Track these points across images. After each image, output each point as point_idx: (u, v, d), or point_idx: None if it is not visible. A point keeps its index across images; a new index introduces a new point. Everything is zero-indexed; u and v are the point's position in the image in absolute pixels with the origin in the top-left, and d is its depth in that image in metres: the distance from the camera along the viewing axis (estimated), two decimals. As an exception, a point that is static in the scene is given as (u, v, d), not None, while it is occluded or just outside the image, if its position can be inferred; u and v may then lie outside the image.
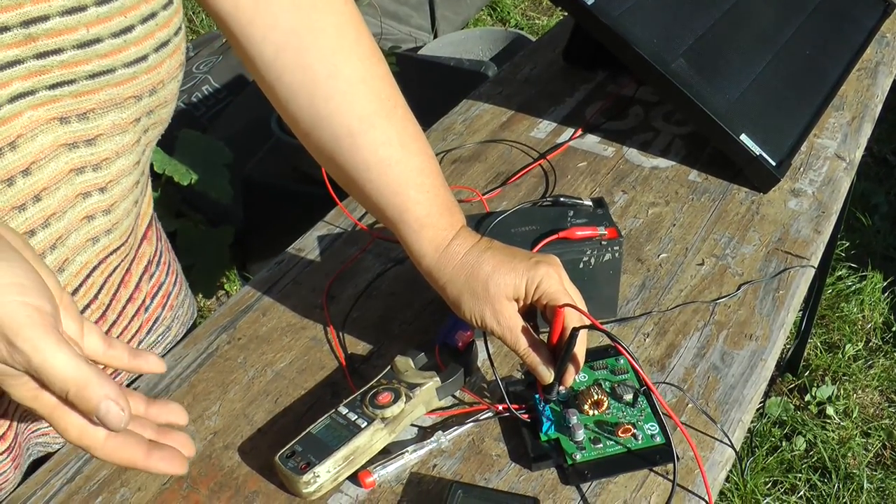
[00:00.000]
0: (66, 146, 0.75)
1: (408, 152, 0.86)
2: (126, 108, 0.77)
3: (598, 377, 0.92)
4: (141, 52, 0.75)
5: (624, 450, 0.85)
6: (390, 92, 0.87)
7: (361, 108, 0.84)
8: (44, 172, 0.74)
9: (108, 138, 0.78)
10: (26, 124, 0.71)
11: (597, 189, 1.21)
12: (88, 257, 0.83)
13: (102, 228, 0.83)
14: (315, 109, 0.84)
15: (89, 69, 0.71)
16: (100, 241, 0.84)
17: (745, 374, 0.94)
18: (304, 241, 1.15)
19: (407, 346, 0.93)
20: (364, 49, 0.86)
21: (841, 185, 1.21)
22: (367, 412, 0.84)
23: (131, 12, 0.72)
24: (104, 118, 0.76)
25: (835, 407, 2.25)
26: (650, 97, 1.40)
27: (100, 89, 0.73)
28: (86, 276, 0.84)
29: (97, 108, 0.74)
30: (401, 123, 0.86)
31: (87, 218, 0.81)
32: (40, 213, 0.75)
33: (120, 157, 0.80)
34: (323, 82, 0.84)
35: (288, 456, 0.82)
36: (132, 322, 0.95)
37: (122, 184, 0.83)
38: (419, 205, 0.85)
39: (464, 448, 0.87)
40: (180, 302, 1.06)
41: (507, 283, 0.81)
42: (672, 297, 1.04)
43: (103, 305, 0.89)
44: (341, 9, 0.85)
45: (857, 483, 2.06)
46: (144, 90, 0.78)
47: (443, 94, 2.08)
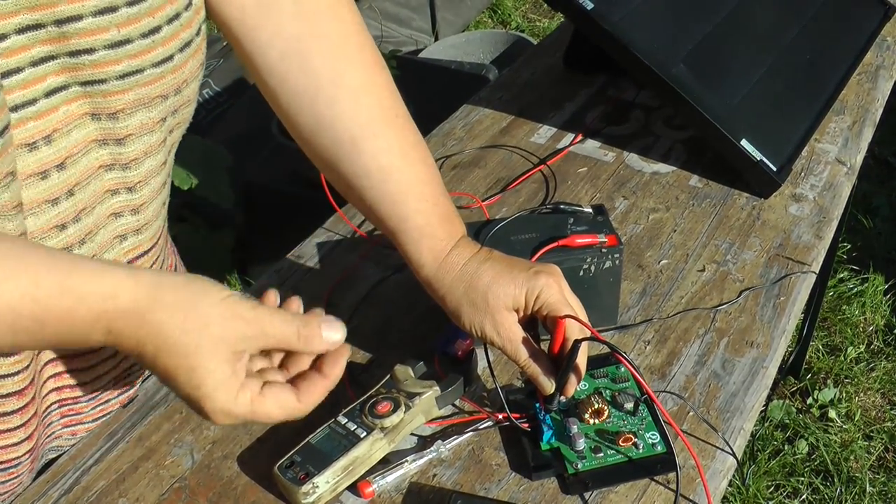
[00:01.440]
0: (97, 142, 0.75)
1: (408, 161, 0.85)
2: (153, 108, 0.77)
3: (599, 385, 0.91)
4: (167, 52, 0.75)
5: (625, 459, 0.84)
6: (392, 100, 0.87)
7: (363, 115, 0.85)
8: (77, 167, 0.74)
9: (137, 138, 0.78)
10: (62, 119, 0.71)
11: (597, 195, 1.21)
12: (116, 255, 0.84)
13: (131, 227, 0.83)
14: (316, 116, 0.84)
15: (120, 69, 0.72)
16: (128, 239, 0.84)
17: (746, 382, 0.94)
18: (302, 248, 1.15)
19: (406, 355, 0.93)
20: (367, 57, 0.86)
21: (842, 190, 1.21)
22: (367, 422, 0.84)
23: (158, 13, 0.72)
24: (133, 118, 0.76)
25: (837, 410, 2.24)
26: (651, 102, 1.40)
27: (129, 89, 0.74)
28: None
29: (126, 108, 0.75)
30: (401, 132, 0.86)
31: (114, 215, 0.81)
32: (72, 207, 0.76)
33: (148, 158, 0.80)
34: (325, 89, 0.84)
35: (287, 466, 0.82)
36: None
37: (150, 184, 0.83)
38: (418, 214, 0.84)
39: (464, 457, 0.86)
40: None
41: (507, 294, 0.81)
42: (673, 303, 1.03)
43: None
44: (345, 16, 0.85)
45: (860, 487, 2.05)
46: (170, 90, 0.78)
47: (443, 97, 2.07)
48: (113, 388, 0.93)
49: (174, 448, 0.88)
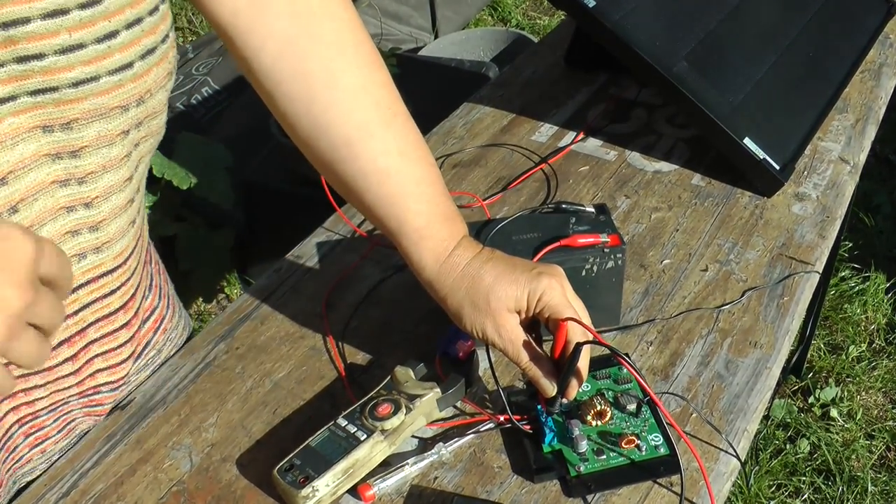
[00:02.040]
0: (50, 156, 0.72)
1: (407, 161, 0.84)
2: (112, 119, 0.74)
3: (602, 387, 0.90)
4: (126, 59, 0.72)
5: (628, 461, 0.84)
6: (390, 100, 0.85)
7: (360, 116, 0.83)
8: (21, 183, 0.71)
9: (94, 150, 0.75)
10: (6, 131, 0.69)
11: (599, 194, 1.20)
12: (74, 274, 0.80)
13: (89, 245, 0.80)
14: (313, 118, 0.83)
15: (72, 76, 0.69)
16: (87, 257, 0.81)
17: (749, 383, 0.93)
18: (302, 247, 1.14)
19: (407, 356, 0.92)
20: (363, 56, 0.85)
21: (845, 188, 1.20)
22: (367, 424, 0.83)
23: (116, 17, 0.70)
24: (89, 129, 0.73)
25: (838, 409, 2.23)
26: (653, 100, 1.39)
27: (84, 98, 0.71)
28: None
29: (81, 117, 0.72)
30: (401, 132, 0.85)
31: (70, 233, 0.78)
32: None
33: (108, 172, 0.78)
34: (321, 91, 0.82)
35: (286, 469, 0.81)
36: (123, 347, 0.91)
37: (111, 201, 0.80)
38: (419, 215, 0.83)
39: (465, 460, 0.86)
40: (174, 325, 1.02)
41: (509, 296, 0.80)
42: (675, 303, 1.02)
43: (84, 321, 0.85)
44: (340, 15, 0.83)
45: (862, 486, 2.05)
46: (131, 100, 0.75)
47: (444, 95, 2.06)
48: (77, 401, 0.90)
49: (172, 451, 0.88)
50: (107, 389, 0.92)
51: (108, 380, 0.91)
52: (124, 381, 0.93)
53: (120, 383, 0.93)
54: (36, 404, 0.86)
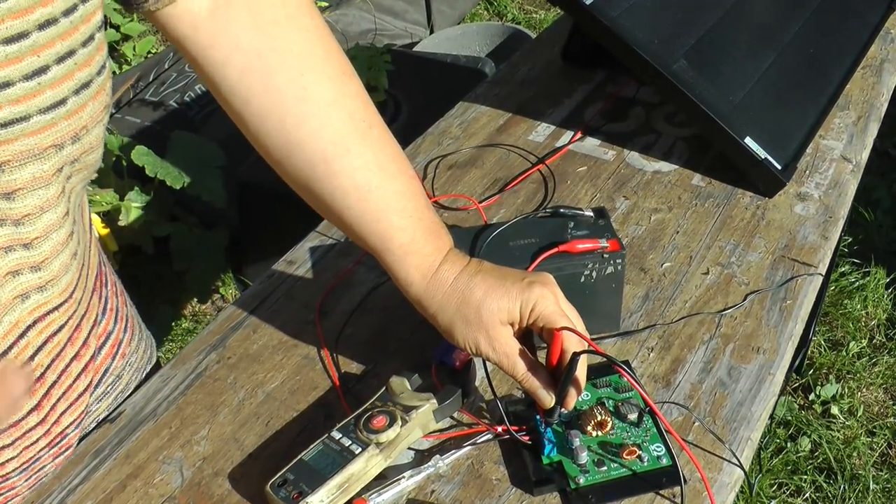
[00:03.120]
0: None
1: (387, 175, 0.81)
2: (47, 159, 0.70)
3: (602, 395, 0.88)
4: (59, 95, 0.68)
5: (629, 472, 0.82)
6: (365, 111, 0.82)
7: (334, 131, 0.79)
8: None
9: (30, 192, 0.70)
10: None
11: (597, 195, 1.18)
12: (20, 315, 0.76)
13: (33, 285, 0.76)
14: (286, 136, 0.79)
15: (1, 117, 0.64)
16: (31, 297, 0.76)
17: (752, 390, 0.91)
18: (295, 252, 1.12)
19: (402, 365, 0.90)
20: (334, 67, 0.81)
21: (848, 188, 1.18)
22: (362, 437, 0.81)
23: (45, 51, 0.65)
24: (22, 171, 0.68)
25: (839, 406, 2.22)
26: (651, 98, 1.37)
27: (14, 139, 0.66)
28: (18, 335, 0.77)
29: (13, 159, 0.67)
30: (378, 145, 0.81)
31: (11, 273, 0.73)
32: None
33: (45, 212, 0.73)
34: (293, 105, 0.78)
35: (279, 485, 0.79)
36: (78, 381, 0.87)
37: (51, 239, 0.75)
38: (402, 231, 0.81)
39: (463, 472, 0.84)
40: (133, 348, 0.99)
41: (501, 308, 0.78)
42: (676, 308, 1.00)
43: (42, 366, 0.81)
44: (307, 24, 0.79)
45: (863, 484, 2.03)
46: (66, 138, 0.71)
47: (439, 92, 2.04)
48: (47, 453, 0.86)
49: (163, 465, 0.85)
50: (72, 429, 0.88)
51: (71, 419, 0.88)
52: (85, 414, 0.90)
53: (82, 417, 0.89)
54: (7, 466, 0.82)
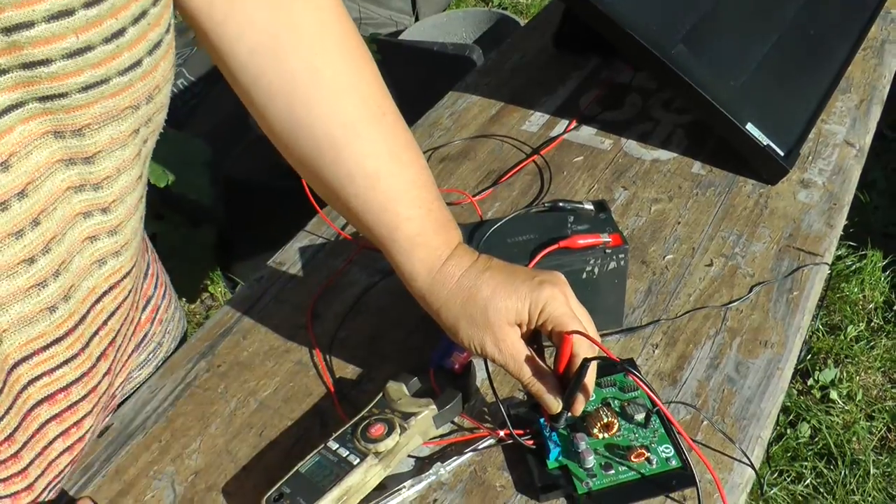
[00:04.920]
0: (63, 162, 0.68)
1: (397, 164, 0.78)
2: (124, 120, 0.70)
3: (607, 396, 0.85)
4: (135, 56, 0.67)
5: (638, 476, 0.79)
6: (378, 96, 0.79)
7: (345, 115, 0.77)
8: (40, 193, 0.67)
9: (108, 154, 0.71)
10: (18, 140, 0.64)
11: (595, 185, 1.15)
12: (96, 282, 0.77)
13: (109, 250, 0.76)
14: (294, 118, 0.77)
15: (82, 81, 0.64)
16: (107, 263, 0.77)
17: (761, 386, 0.88)
18: (284, 253, 1.08)
19: (399, 369, 0.87)
20: (349, 50, 0.78)
21: (852, 173, 1.15)
22: (359, 447, 0.78)
23: (122, 13, 0.64)
24: (101, 133, 0.69)
25: (838, 391, 2.19)
26: (648, 84, 1.33)
27: (94, 102, 0.66)
28: (94, 301, 0.77)
29: (93, 122, 0.67)
30: (390, 132, 0.79)
31: (89, 239, 0.74)
32: (40, 237, 0.68)
33: (122, 174, 0.73)
34: (303, 87, 0.76)
35: (276, 499, 0.75)
36: (128, 344, 0.89)
37: (126, 202, 0.76)
38: (410, 222, 0.78)
39: (465, 479, 0.80)
40: (170, 316, 0.99)
41: (509, 308, 0.74)
42: (680, 302, 0.97)
43: (113, 332, 0.82)
44: (323, 4, 0.77)
45: (864, 469, 2.01)
46: (141, 98, 0.71)
47: (427, 81, 2.01)
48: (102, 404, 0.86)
49: (154, 481, 0.82)
50: (118, 389, 0.90)
51: (120, 379, 0.89)
52: (128, 378, 0.91)
53: (124, 383, 0.91)
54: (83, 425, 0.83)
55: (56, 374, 0.76)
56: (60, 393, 0.77)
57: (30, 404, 0.75)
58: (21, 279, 0.68)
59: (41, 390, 0.76)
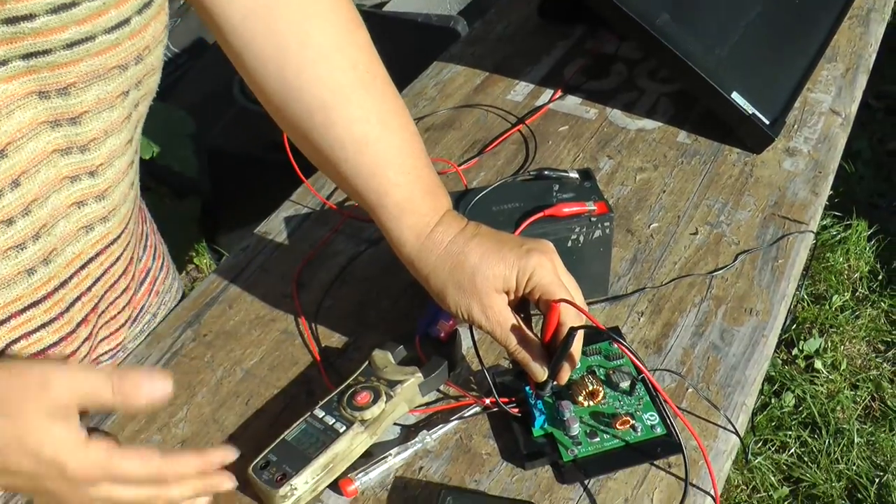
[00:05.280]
0: (48, 123, 0.68)
1: (387, 129, 0.78)
2: (111, 80, 0.70)
3: (592, 364, 0.86)
4: (122, 14, 0.67)
5: (623, 443, 0.79)
6: (369, 62, 0.79)
7: (336, 80, 0.77)
8: (22, 154, 0.67)
9: (95, 115, 0.70)
10: (0, 99, 0.63)
11: (580, 154, 1.15)
12: (82, 247, 0.77)
13: (97, 216, 0.76)
14: (285, 81, 0.77)
15: (66, 37, 0.64)
16: (95, 229, 0.77)
17: (746, 353, 0.89)
18: (270, 223, 1.08)
19: (385, 337, 0.87)
20: (341, 14, 0.79)
21: (837, 141, 1.15)
22: (346, 415, 0.78)
23: None
24: (87, 93, 0.68)
25: (823, 360, 2.21)
26: (633, 54, 1.33)
27: (80, 60, 0.66)
28: (79, 267, 0.78)
29: (78, 81, 0.67)
30: (380, 97, 0.79)
31: (76, 204, 0.74)
32: (19, 199, 0.68)
33: (110, 137, 0.73)
34: (294, 51, 0.76)
35: (262, 467, 0.75)
36: (121, 313, 0.89)
37: (114, 166, 0.76)
38: (399, 188, 0.78)
39: (451, 447, 0.81)
40: (167, 287, 1.00)
41: (496, 275, 0.74)
42: (666, 270, 0.98)
43: (96, 297, 0.83)
44: None
45: (848, 438, 2.03)
46: (129, 58, 0.70)
47: (411, 54, 1.99)
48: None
49: (139, 449, 0.82)
50: (106, 358, 0.89)
51: (108, 348, 0.89)
52: (120, 348, 0.91)
53: (117, 349, 0.90)
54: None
55: (33, 337, 0.76)
56: (37, 357, 0.77)
57: None
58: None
59: (20, 353, 0.76)
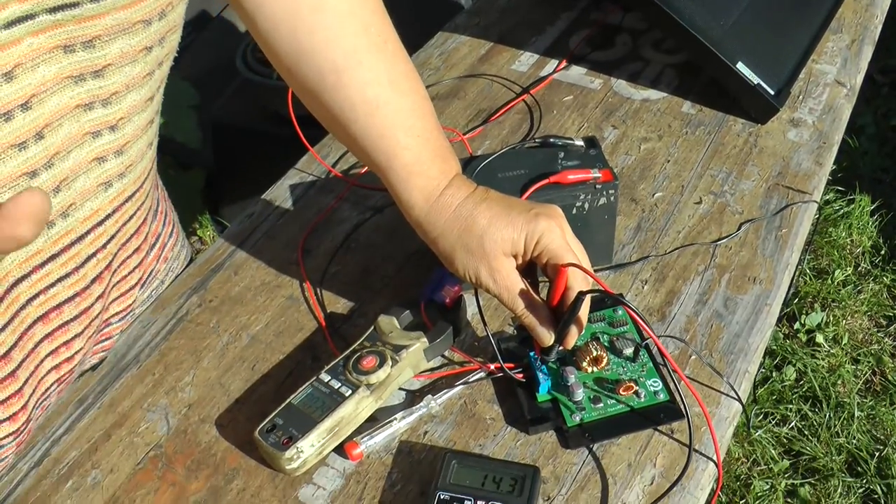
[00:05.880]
0: (72, 78, 0.68)
1: (397, 92, 0.79)
2: (135, 35, 0.70)
3: (596, 330, 0.86)
4: None
5: (626, 409, 0.80)
6: (381, 26, 0.80)
7: (348, 42, 0.77)
8: (46, 107, 0.67)
9: (118, 69, 0.71)
10: (25, 52, 0.64)
11: (585, 124, 1.15)
12: (100, 204, 0.78)
13: (115, 172, 0.77)
14: (297, 43, 0.77)
15: None
16: (113, 186, 0.78)
17: (749, 321, 0.89)
18: (275, 191, 1.08)
19: (390, 303, 0.87)
20: None
21: (842, 112, 1.15)
22: (351, 378, 0.79)
23: None
24: (112, 46, 0.69)
25: (824, 334, 2.21)
26: (638, 24, 1.33)
27: (105, 13, 0.67)
28: (96, 223, 0.78)
29: (103, 34, 0.68)
30: (391, 60, 0.79)
31: (97, 160, 0.75)
32: (43, 152, 0.69)
33: (131, 91, 0.74)
34: (307, 13, 0.77)
35: (268, 430, 0.76)
36: (132, 274, 0.90)
37: (134, 122, 0.76)
38: (408, 150, 0.78)
39: (455, 412, 0.81)
40: (175, 254, 1.00)
41: (505, 239, 0.75)
42: (670, 239, 0.98)
43: (110, 255, 0.83)
44: None
45: (848, 411, 2.03)
46: (154, 13, 0.71)
47: (414, 24, 1.98)
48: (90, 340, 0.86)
49: (148, 413, 0.83)
50: (117, 320, 0.90)
51: (119, 308, 0.90)
52: (130, 310, 0.92)
53: (127, 311, 0.91)
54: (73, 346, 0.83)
55: (51, 291, 0.77)
56: (53, 311, 0.78)
57: (27, 323, 0.76)
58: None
59: (37, 309, 0.76)
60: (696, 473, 0.76)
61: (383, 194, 1.02)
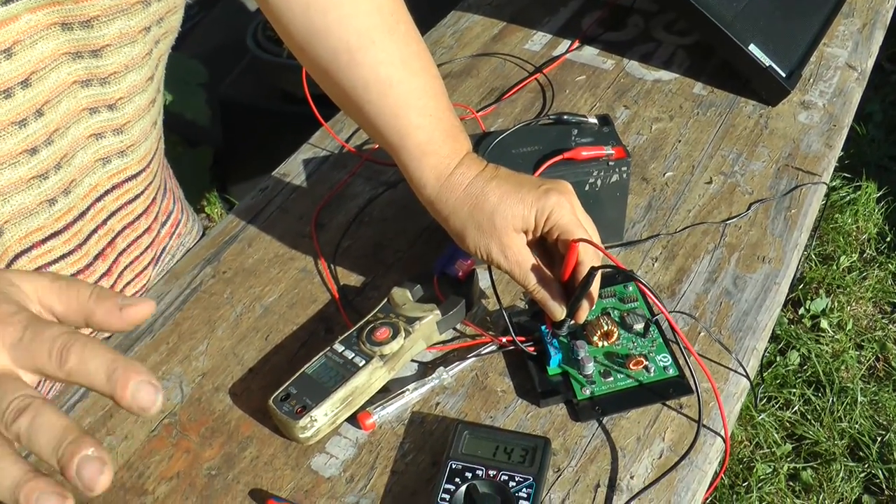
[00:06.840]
0: (70, 55, 0.69)
1: (410, 72, 0.79)
2: (133, 15, 0.71)
3: (607, 306, 0.87)
4: None
5: (636, 383, 0.80)
6: (394, 6, 0.80)
7: (361, 22, 0.78)
8: (45, 84, 0.68)
9: (116, 49, 0.71)
10: (24, 29, 0.64)
11: (597, 104, 1.15)
12: (98, 179, 0.78)
13: (114, 149, 0.78)
14: (310, 22, 0.78)
15: None
16: (111, 162, 0.78)
17: (758, 299, 0.90)
18: (288, 165, 1.09)
19: (403, 277, 0.88)
20: None
21: (853, 96, 1.16)
22: (365, 349, 0.79)
23: None
24: (110, 26, 0.69)
25: (829, 320, 2.22)
26: (650, 6, 1.33)
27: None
28: (95, 198, 0.79)
29: (101, 14, 0.68)
30: (403, 40, 0.80)
31: (94, 136, 0.75)
32: (43, 129, 0.69)
33: (130, 71, 0.74)
34: None
35: (282, 399, 0.77)
36: (145, 253, 0.91)
37: (134, 101, 0.77)
38: (420, 129, 0.79)
39: (467, 384, 0.82)
40: (188, 230, 1.02)
41: (515, 215, 0.75)
42: (680, 217, 0.98)
43: (112, 232, 0.84)
44: None
45: (851, 397, 2.04)
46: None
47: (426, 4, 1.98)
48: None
49: (162, 381, 0.83)
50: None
51: (135, 290, 0.91)
52: (146, 288, 0.93)
53: (142, 291, 0.92)
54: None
55: (52, 268, 0.77)
56: None
57: None
58: (23, 169, 0.69)
59: None
60: (704, 448, 0.77)
61: (396, 170, 1.02)
